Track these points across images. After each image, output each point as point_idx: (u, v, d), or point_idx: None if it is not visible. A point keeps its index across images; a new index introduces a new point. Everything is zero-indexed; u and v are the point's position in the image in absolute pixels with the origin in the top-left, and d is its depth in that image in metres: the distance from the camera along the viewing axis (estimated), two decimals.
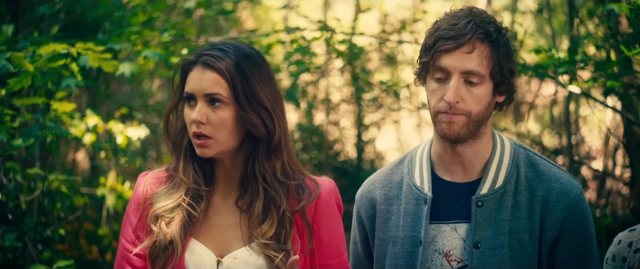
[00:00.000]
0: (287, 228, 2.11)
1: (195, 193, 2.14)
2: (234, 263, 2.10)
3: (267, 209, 2.11)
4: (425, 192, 2.31)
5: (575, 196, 2.26)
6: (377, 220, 2.40)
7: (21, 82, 3.62)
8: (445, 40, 2.18)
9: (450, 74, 2.19)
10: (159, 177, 2.20)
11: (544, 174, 2.29)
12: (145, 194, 2.17)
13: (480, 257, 2.23)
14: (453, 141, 2.25)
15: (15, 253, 4.36)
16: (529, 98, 9.34)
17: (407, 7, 9.52)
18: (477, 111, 2.21)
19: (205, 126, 2.08)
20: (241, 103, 2.08)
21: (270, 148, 2.12)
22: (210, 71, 2.08)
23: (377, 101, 8.77)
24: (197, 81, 2.09)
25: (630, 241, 2.44)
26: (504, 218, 2.25)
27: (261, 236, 2.09)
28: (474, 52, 2.18)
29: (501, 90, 2.26)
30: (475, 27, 2.18)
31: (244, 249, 2.11)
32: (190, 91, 2.10)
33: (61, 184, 4.79)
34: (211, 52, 2.10)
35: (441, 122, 2.22)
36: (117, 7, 4.98)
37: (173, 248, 2.09)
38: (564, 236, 2.25)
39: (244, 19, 10.32)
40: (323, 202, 2.17)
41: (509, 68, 2.24)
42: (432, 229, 2.30)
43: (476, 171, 2.30)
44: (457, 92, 2.18)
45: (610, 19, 4.53)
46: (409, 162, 2.41)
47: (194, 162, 2.16)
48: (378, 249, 2.39)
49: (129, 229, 2.17)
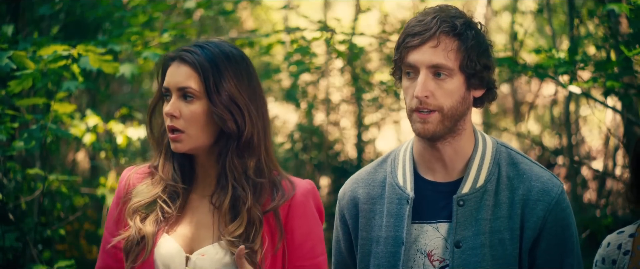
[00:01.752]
0: (256, 226, 2.12)
1: (172, 190, 2.16)
2: (202, 259, 2.12)
3: (236, 206, 2.12)
4: (408, 192, 2.31)
5: (555, 195, 2.25)
6: (360, 220, 2.39)
7: (22, 83, 3.62)
8: (411, 37, 2.19)
9: (418, 69, 2.20)
10: (143, 172, 2.23)
11: (525, 173, 2.28)
12: (127, 188, 2.21)
13: (461, 256, 2.23)
14: (429, 139, 2.25)
15: (16, 253, 4.36)
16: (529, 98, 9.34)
17: (407, 7, 9.52)
18: (449, 105, 2.20)
19: (178, 120, 2.10)
20: (212, 97, 2.09)
21: (240, 145, 2.12)
22: (184, 65, 2.11)
23: (377, 101, 8.77)
24: (172, 75, 2.12)
25: (620, 243, 2.44)
26: (484, 217, 2.25)
27: (229, 233, 2.10)
28: (439, 46, 2.17)
29: (474, 84, 2.24)
30: (441, 22, 2.18)
31: (212, 247, 2.12)
32: (166, 85, 2.13)
33: (61, 184, 4.80)
34: (189, 48, 2.13)
35: (415, 122, 2.22)
36: (117, 7, 4.99)
37: (145, 243, 2.12)
38: (545, 235, 2.24)
39: (244, 19, 10.32)
40: (297, 202, 2.17)
41: (483, 62, 2.22)
42: (414, 229, 2.29)
43: (457, 170, 2.30)
44: (425, 86, 2.18)
45: (610, 19, 4.53)
46: (392, 161, 2.40)
47: (174, 159, 2.18)
48: (362, 249, 2.39)
49: (111, 223, 2.22)
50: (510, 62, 4.35)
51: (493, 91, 2.29)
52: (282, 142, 8.96)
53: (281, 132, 9.45)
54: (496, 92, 2.31)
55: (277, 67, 8.36)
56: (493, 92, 2.29)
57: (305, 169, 8.86)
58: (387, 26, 8.91)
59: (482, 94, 2.28)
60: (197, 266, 2.12)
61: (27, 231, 4.40)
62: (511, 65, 4.34)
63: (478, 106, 2.31)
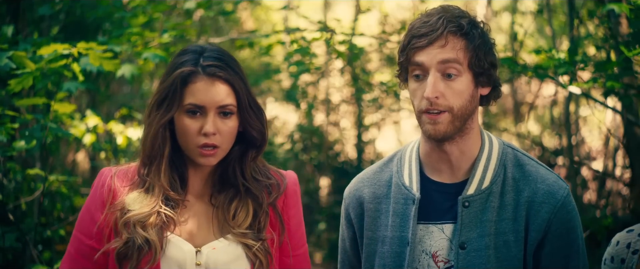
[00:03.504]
0: (262, 220, 2.17)
1: (171, 198, 2.15)
2: (214, 252, 2.14)
3: (245, 205, 2.17)
4: (414, 193, 2.31)
5: (561, 198, 2.24)
6: (366, 219, 2.40)
7: (22, 83, 3.62)
8: (418, 38, 2.19)
9: (427, 70, 2.19)
10: (126, 177, 2.19)
11: (531, 175, 2.28)
12: (112, 194, 2.16)
13: (466, 258, 2.23)
14: (440, 140, 2.24)
15: (16, 253, 4.36)
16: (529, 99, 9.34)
17: (407, 8, 9.53)
18: (459, 105, 2.20)
19: (216, 137, 2.10)
20: (247, 111, 2.12)
21: (260, 150, 2.19)
22: (220, 82, 2.09)
23: (377, 101, 8.77)
24: (207, 93, 2.08)
25: (629, 242, 2.43)
26: (490, 218, 2.24)
27: (237, 226, 2.15)
28: (447, 46, 2.18)
29: (482, 81, 2.24)
30: (447, 22, 2.19)
31: (218, 241, 2.15)
32: (201, 104, 2.08)
33: (61, 184, 4.80)
34: (214, 63, 2.10)
35: (425, 124, 2.22)
36: (117, 7, 4.99)
37: (149, 246, 2.09)
38: (550, 238, 2.23)
39: (244, 20, 10.33)
40: (290, 192, 2.24)
41: (489, 60, 2.23)
42: (419, 229, 2.29)
43: (463, 171, 2.30)
44: (436, 87, 2.18)
45: (610, 20, 4.53)
46: (399, 161, 2.40)
47: (173, 169, 2.17)
48: (367, 248, 2.39)
49: (89, 225, 2.17)
50: (510, 63, 4.35)
51: (498, 89, 2.30)
52: (282, 143, 8.97)
53: (281, 133, 9.45)
54: (500, 90, 2.31)
55: (277, 68, 8.36)
56: (498, 90, 2.30)
57: (305, 169, 8.86)
58: (387, 27, 8.91)
59: (489, 92, 2.29)
60: (210, 258, 2.13)
61: (27, 232, 4.40)
62: (511, 65, 4.34)
63: (484, 104, 2.32)
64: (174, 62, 2.13)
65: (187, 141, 2.11)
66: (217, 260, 2.13)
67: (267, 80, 8.23)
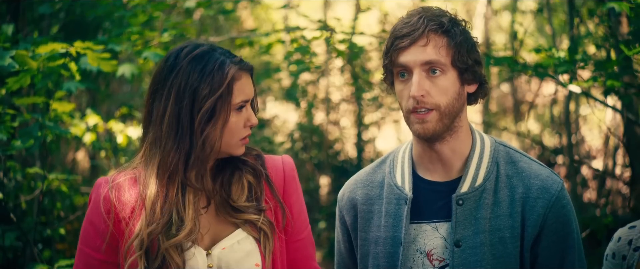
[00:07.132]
0: (258, 190, 2.19)
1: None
2: (224, 252, 2.14)
3: (238, 179, 2.19)
4: (406, 193, 2.32)
5: (555, 192, 2.25)
6: (359, 220, 2.41)
7: (20, 81, 3.61)
8: (400, 39, 2.22)
9: (411, 70, 2.21)
10: (128, 183, 2.16)
11: (524, 171, 2.29)
12: (115, 206, 2.13)
13: (461, 255, 2.23)
14: (429, 139, 2.25)
15: (16, 252, 4.36)
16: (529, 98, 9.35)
17: (407, 7, 9.51)
18: (446, 102, 2.22)
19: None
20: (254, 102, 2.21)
21: None
22: (249, 75, 2.17)
23: (377, 100, 8.77)
24: (250, 87, 2.16)
25: (630, 239, 2.43)
26: (484, 216, 2.25)
27: (238, 199, 2.16)
28: (429, 45, 2.20)
29: (467, 79, 2.26)
30: (428, 21, 2.21)
31: (229, 238, 2.15)
32: (246, 98, 2.14)
33: (61, 183, 4.79)
34: (241, 58, 2.16)
35: (414, 124, 2.23)
36: (117, 7, 4.98)
37: (170, 259, 2.08)
38: (546, 232, 2.24)
39: (244, 19, 10.33)
40: (289, 177, 2.26)
41: (473, 57, 2.25)
42: (413, 229, 2.30)
43: (456, 169, 2.31)
44: (421, 85, 2.19)
45: (610, 18, 4.53)
46: (391, 162, 2.42)
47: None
48: (361, 250, 2.40)
49: (95, 238, 2.15)
50: (510, 62, 4.35)
51: (485, 86, 2.31)
52: (282, 142, 8.96)
53: (281, 132, 9.45)
54: (488, 87, 2.33)
55: (277, 67, 8.36)
56: (485, 88, 2.31)
57: (305, 168, 8.86)
58: (387, 25, 8.90)
59: (475, 89, 2.30)
60: (222, 260, 2.14)
61: (27, 231, 4.40)
62: (511, 64, 4.34)
63: (472, 103, 2.33)
64: (205, 65, 2.11)
65: (233, 137, 2.14)
66: (228, 260, 2.13)
67: (267, 79, 8.23)
